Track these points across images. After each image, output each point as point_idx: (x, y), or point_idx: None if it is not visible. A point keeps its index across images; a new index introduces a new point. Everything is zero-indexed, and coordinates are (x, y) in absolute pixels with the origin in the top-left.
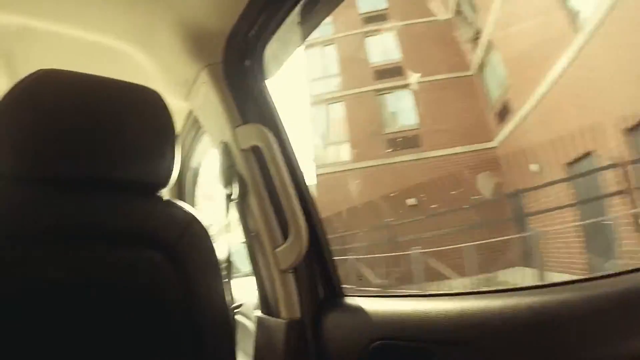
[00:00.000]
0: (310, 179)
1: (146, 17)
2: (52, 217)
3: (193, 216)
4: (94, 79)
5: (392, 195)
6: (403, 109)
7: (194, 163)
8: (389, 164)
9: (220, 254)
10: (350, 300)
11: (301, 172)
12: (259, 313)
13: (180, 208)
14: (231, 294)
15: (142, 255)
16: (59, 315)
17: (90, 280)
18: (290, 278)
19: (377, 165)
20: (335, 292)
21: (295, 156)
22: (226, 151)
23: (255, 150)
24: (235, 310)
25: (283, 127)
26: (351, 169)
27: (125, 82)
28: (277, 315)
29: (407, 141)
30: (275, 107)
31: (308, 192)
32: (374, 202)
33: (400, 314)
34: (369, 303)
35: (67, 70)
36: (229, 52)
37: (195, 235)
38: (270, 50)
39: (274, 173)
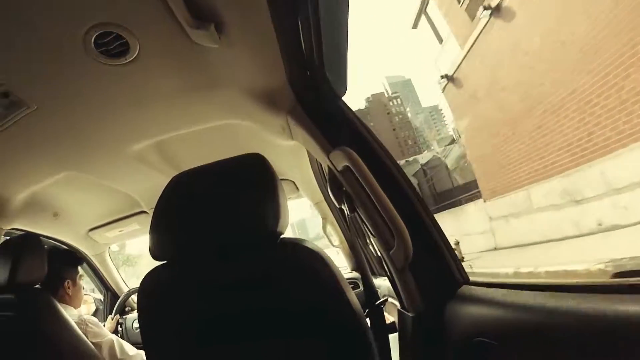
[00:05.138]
0: None
1: (234, 96)
2: (219, 275)
3: (309, 249)
4: (211, 166)
5: None
6: None
7: None
8: None
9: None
10: (469, 290)
11: (401, 177)
12: (398, 307)
13: (299, 245)
14: (373, 291)
15: (280, 288)
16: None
17: (254, 311)
18: (409, 275)
19: None
20: (456, 282)
21: (390, 162)
22: (332, 175)
23: (349, 169)
24: (382, 305)
25: (370, 139)
26: None
27: (235, 157)
28: (407, 309)
29: None
30: (357, 122)
31: (414, 193)
32: None
33: (518, 307)
34: (486, 292)
35: (191, 169)
36: (297, 93)
37: (308, 264)
38: (330, 72)
39: (367, 188)
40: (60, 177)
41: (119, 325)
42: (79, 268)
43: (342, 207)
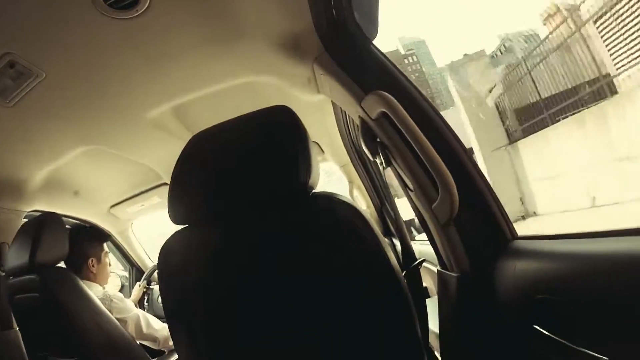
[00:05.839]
0: None
1: (256, 46)
2: (247, 234)
3: (344, 202)
4: (234, 121)
5: None
6: None
7: None
8: None
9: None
10: (521, 245)
11: (442, 123)
12: (438, 267)
13: (333, 198)
14: (410, 252)
15: (312, 243)
16: (271, 298)
17: (286, 271)
18: (453, 231)
19: None
20: (505, 237)
21: (430, 108)
22: (364, 125)
23: (385, 115)
24: (418, 266)
25: (405, 81)
26: None
27: (259, 110)
28: (450, 269)
29: None
30: (391, 66)
31: (457, 141)
32: None
33: (578, 257)
34: (540, 245)
35: (212, 126)
36: (324, 38)
37: (343, 218)
38: (359, 13)
39: (407, 134)
40: (78, 153)
41: (145, 295)
42: (105, 245)
43: (377, 160)
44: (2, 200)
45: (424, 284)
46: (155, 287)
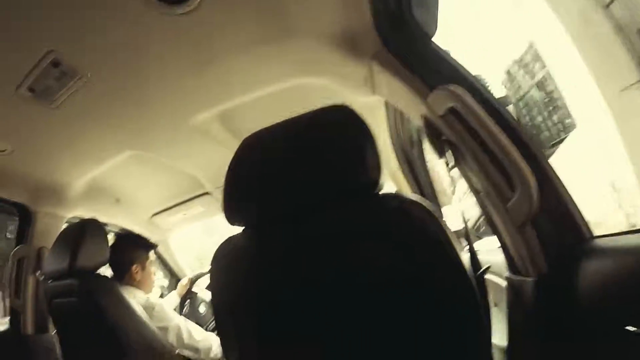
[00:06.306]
0: None
1: (310, 45)
2: (310, 235)
3: (417, 202)
4: (289, 121)
5: None
6: None
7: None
8: None
9: (455, 223)
10: (600, 243)
11: (510, 117)
12: (507, 273)
13: (405, 198)
14: (475, 259)
15: (381, 246)
16: (326, 304)
17: (351, 274)
18: (530, 232)
19: None
20: (583, 236)
21: (497, 101)
22: (428, 123)
23: (453, 111)
24: (484, 274)
25: (470, 75)
26: None
27: (316, 109)
28: (525, 273)
29: None
30: (453, 60)
31: (527, 136)
32: None
33: None
34: (621, 242)
35: (264, 128)
36: (383, 34)
37: (417, 219)
38: (419, 9)
39: (480, 128)
40: (120, 159)
41: (187, 299)
42: (150, 254)
43: (445, 158)
44: (44, 204)
45: None
46: (199, 294)
